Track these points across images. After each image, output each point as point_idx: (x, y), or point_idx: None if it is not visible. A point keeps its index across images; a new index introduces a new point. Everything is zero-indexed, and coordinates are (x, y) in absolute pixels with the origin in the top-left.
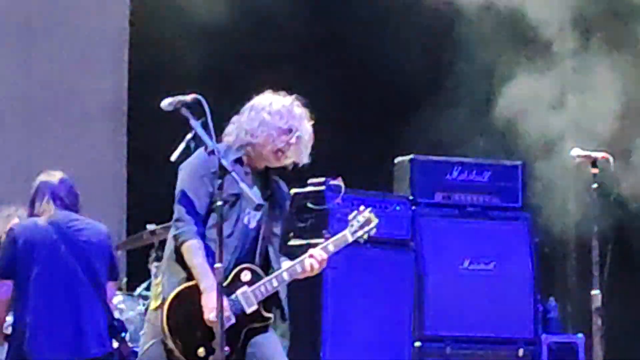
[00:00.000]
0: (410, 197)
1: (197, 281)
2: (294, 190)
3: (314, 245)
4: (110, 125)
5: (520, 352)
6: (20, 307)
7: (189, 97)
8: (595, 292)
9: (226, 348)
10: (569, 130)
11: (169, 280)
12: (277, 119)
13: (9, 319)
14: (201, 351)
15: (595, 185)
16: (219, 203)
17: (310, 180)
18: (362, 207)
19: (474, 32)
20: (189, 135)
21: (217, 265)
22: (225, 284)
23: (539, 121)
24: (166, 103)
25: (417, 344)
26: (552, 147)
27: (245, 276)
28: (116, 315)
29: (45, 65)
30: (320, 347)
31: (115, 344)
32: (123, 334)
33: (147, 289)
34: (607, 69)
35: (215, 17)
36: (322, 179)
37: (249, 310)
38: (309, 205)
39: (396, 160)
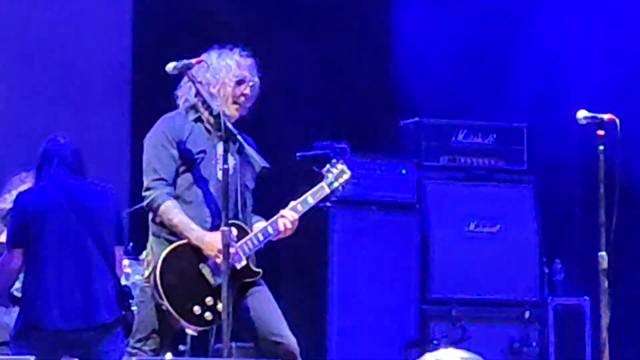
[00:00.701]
0: (416, 160)
1: (185, 237)
2: (299, 154)
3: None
4: (114, 89)
5: (527, 314)
6: (30, 275)
7: (193, 61)
8: (602, 253)
9: (219, 305)
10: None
11: (156, 247)
12: (228, 72)
13: (17, 284)
14: (197, 309)
15: (601, 147)
16: (225, 166)
17: (315, 143)
18: (334, 160)
19: None
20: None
21: (224, 228)
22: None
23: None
24: (171, 67)
25: (423, 306)
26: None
27: (232, 232)
28: (122, 280)
29: (50, 27)
30: (326, 310)
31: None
32: (130, 301)
33: None
34: None
35: None
36: (327, 142)
37: (238, 266)
38: (315, 168)
39: (402, 123)
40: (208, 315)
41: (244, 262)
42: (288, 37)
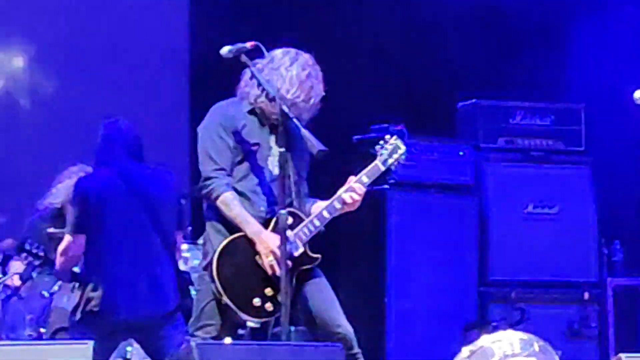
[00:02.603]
0: (473, 142)
1: (242, 230)
2: (356, 137)
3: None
4: (172, 72)
5: (586, 295)
6: (93, 261)
7: (248, 45)
8: None
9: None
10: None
11: (212, 239)
12: (284, 85)
13: (76, 269)
14: (257, 301)
15: None
16: (282, 149)
17: (372, 126)
18: (387, 136)
19: None
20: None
21: (282, 211)
22: (268, 231)
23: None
24: (226, 50)
25: (482, 288)
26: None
27: (287, 220)
28: (181, 264)
29: (108, 12)
30: (385, 292)
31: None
32: (189, 287)
33: None
34: None
35: None
36: (384, 125)
37: (296, 253)
38: (372, 151)
39: (459, 105)
40: (269, 305)
41: (301, 250)
42: (343, 20)
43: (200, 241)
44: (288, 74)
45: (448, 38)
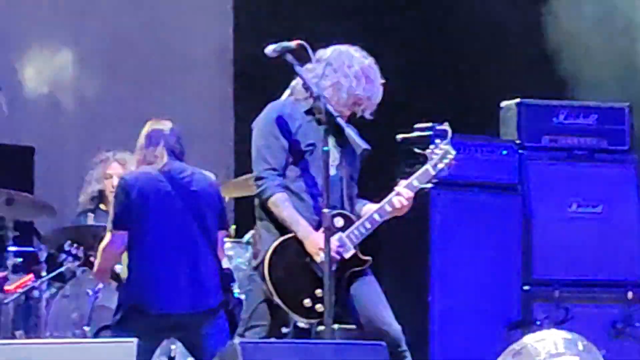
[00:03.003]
0: (517, 141)
1: (293, 231)
2: (400, 136)
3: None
4: (217, 71)
5: (629, 294)
6: (135, 258)
7: (293, 43)
8: None
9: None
10: None
11: (263, 238)
12: (352, 83)
13: (118, 266)
14: (307, 302)
15: None
16: (326, 148)
17: (417, 125)
18: (438, 140)
19: None
20: (294, 82)
21: (325, 210)
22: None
23: None
24: (270, 49)
25: (526, 287)
26: None
27: (338, 222)
28: (224, 263)
29: (153, 10)
30: (428, 291)
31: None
32: (232, 284)
33: None
34: None
35: None
36: (428, 124)
37: (347, 255)
38: (416, 150)
39: (503, 104)
40: (319, 307)
41: (352, 252)
42: (389, 19)
43: (244, 239)
44: (352, 71)
45: (492, 37)
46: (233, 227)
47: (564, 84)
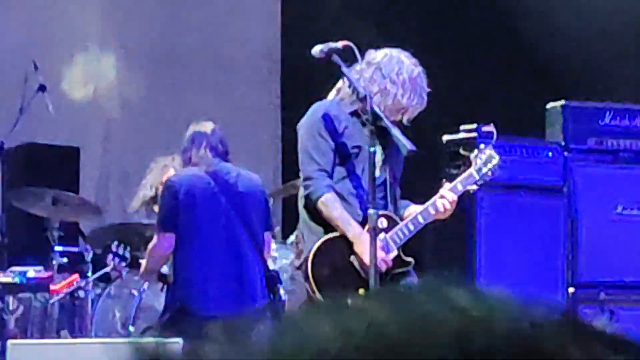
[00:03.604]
0: (562, 143)
1: (343, 232)
2: (445, 137)
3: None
4: (264, 73)
5: None
6: (182, 259)
7: (340, 44)
8: None
9: None
10: None
11: (307, 238)
12: (399, 91)
13: (165, 268)
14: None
15: None
16: (372, 149)
17: (462, 127)
18: (482, 145)
19: None
20: (340, 83)
21: (370, 211)
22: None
23: None
24: (317, 50)
25: (571, 290)
26: None
27: (382, 223)
28: (270, 264)
29: (199, 12)
30: None
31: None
32: (278, 286)
33: None
34: None
35: None
36: (474, 125)
37: (390, 257)
38: (461, 151)
39: (548, 106)
40: None
41: (394, 253)
42: (433, 18)
43: (290, 240)
44: (400, 79)
45: (536, 37)
46: (278, 228)
47: (609, 86)
